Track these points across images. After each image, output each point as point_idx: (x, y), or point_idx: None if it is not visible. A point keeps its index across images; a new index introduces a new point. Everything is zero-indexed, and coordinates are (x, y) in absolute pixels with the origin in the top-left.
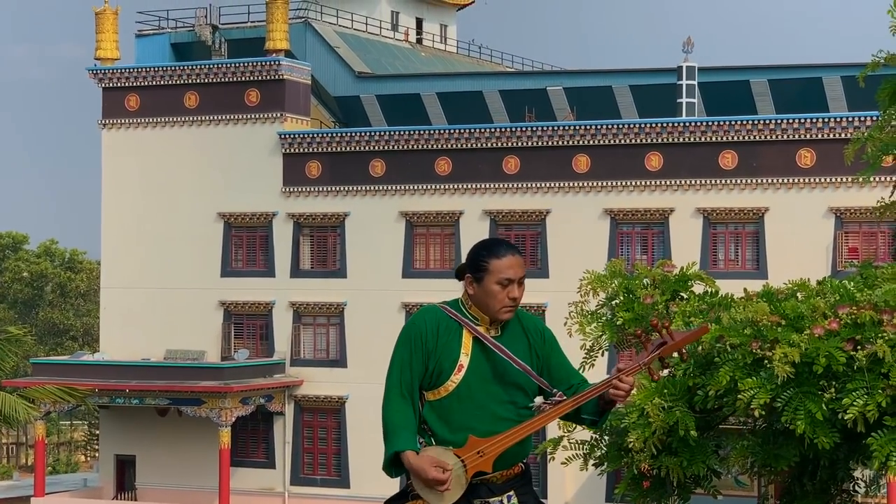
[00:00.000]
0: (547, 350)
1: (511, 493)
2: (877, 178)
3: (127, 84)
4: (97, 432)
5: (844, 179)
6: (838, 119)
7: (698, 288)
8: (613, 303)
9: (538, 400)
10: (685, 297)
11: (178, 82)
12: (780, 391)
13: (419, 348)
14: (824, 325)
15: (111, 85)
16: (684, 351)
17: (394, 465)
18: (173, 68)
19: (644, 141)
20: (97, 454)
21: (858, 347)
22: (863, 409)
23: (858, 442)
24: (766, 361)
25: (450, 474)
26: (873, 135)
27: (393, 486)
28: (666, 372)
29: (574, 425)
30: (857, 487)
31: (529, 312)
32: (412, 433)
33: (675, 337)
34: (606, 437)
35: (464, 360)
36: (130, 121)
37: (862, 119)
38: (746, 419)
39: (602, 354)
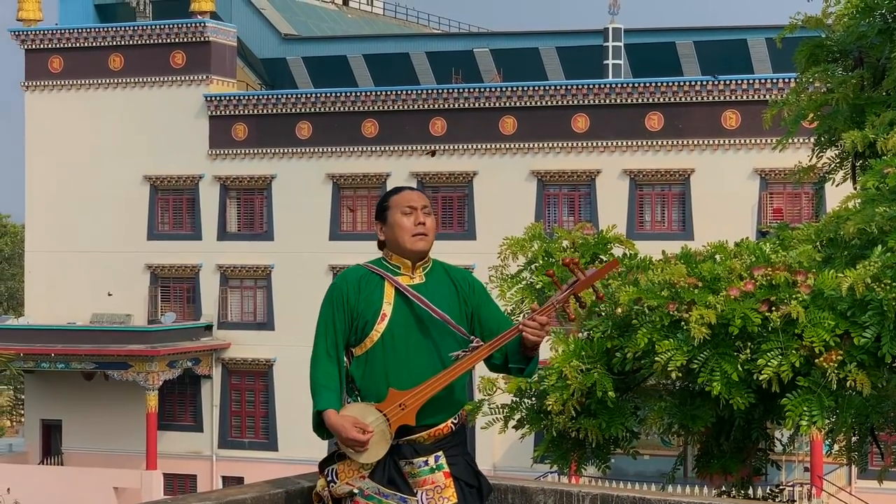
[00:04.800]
0: (477, 300)
1: (439, 453)
2: (799, 140)
3: (50, 46)
4: (22, 397)
5: (769, 141)
6: (763, 81)
7: (618, 251)
8: (533, 266)
9: (457, 352)
10: (604, 259)
11: (102, 44)
12: (696, 353)
13: (341, 306)
14: (740, 286)
15: (34, 46)
16: (599, 290)
17: (321, 425)
18: (97, 30)
19: (570, 102)
20: (23, 419)
21: (773, 308)
22: (777, 369)
23: (773, 402)
24: (682, 323)
25: (370, 435)
26: (790, 100)
27: (321, 447)
28: (585, 335)
29: (493, 389)
30: (772, 446)
31: (457, 266)
32: (334, 392)
33: (587, 273)
34: (526, 400)
35: (387, 308)
36: (54, 83)
37: (786, 81)
38: (665, 380)
39: (523, 317)
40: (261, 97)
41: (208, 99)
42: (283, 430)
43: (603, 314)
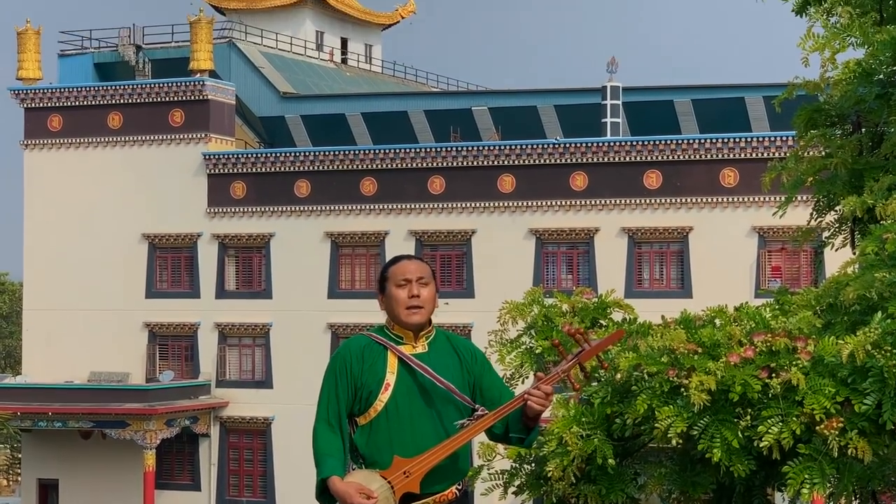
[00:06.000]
0: (479, 369)
1: None
2: (798, 198)
3: (49, 104)
4: (19, 456)
5: (767, 199)
6: (761, 139)
7: (617, 315)
8: (532, 331)
9: (463, 420)
10: (604, 324)
11: (101, 102)
12: (696, 419)
13: (344, 376)
14: (740, 352)
15: (33, 105)
16: (604, 360)
17: (324, 493)
18: (97, 88)
19: (569, 161)
20: (19, 478)
21: (773, 375)
22: (778, 436)
23: (774, 469)
24: (682, 389)
25: (374, 501)
26: (788, 165)
27: None
28: (585, 396)
29: (493, 454)
30: None
31: (460, 336)
32: (338, 460)
33: (592, 343)
34: (526, 466)
35: (390, 378)
36: (53, 141)
37: (784, 139)
38: (666, 446)
39: (522, 382)
40: (259, 155)
41: (207, 157)
42: (281, 488)
43: (602, 380)
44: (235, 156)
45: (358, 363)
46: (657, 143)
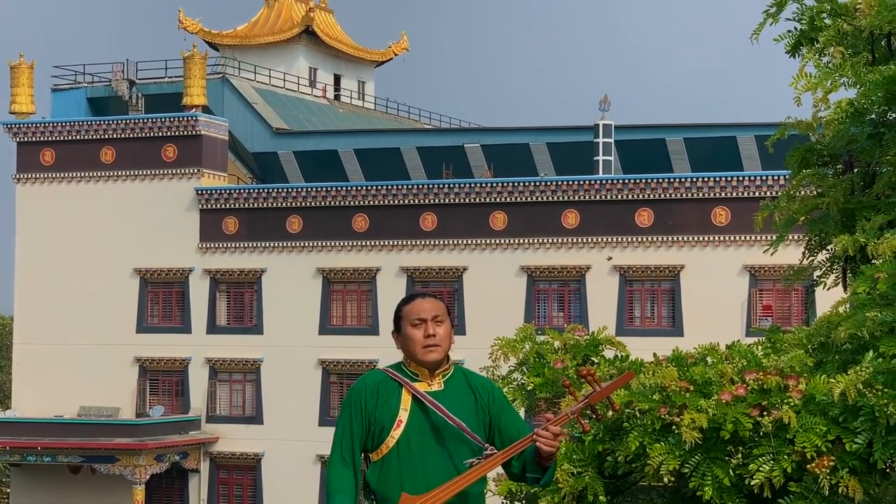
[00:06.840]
0: (497, 408)
1: None
2: (790, 237)
3: (42, 138)
4: (7, 491)
5: (759, 238)
6: (752, 178)
7: (609, 352)
8: (524, 368)
9: (472, 459)
10: (596, 361)
11: (94, 137)
12: (688, 457)
13: (358, 411)
14: (731, 390)
15: (26, 139)
16: (615, 403)
17: None
18: (89, 123)
19: (561, 198)
20: None
21: (764, 413)
22: (769, 474)
23: None
24: (674, 427)
25: None
26: (780, 204)
27: None
28: (577, 433)
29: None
30: None
31: (479, 374)
32: (349, 496)
33: (602, 385)
34: (517, 503)
35: (403, 415)
36: (46, 175)
37: (775, 178)
38: (657, 483)
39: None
40: (251, 191)
41: (199, 192)
42: None
43: (593, 417)
44: (228, 191)
45: (372, 398)
46: (649, 181)
